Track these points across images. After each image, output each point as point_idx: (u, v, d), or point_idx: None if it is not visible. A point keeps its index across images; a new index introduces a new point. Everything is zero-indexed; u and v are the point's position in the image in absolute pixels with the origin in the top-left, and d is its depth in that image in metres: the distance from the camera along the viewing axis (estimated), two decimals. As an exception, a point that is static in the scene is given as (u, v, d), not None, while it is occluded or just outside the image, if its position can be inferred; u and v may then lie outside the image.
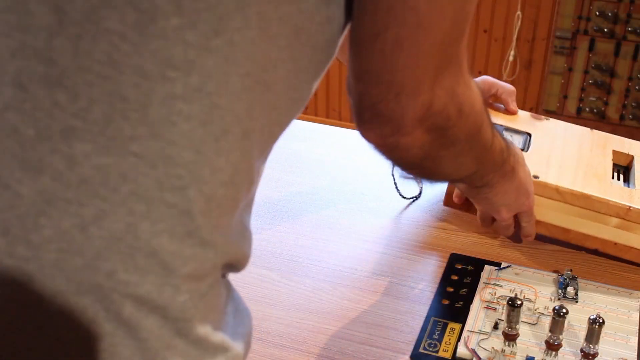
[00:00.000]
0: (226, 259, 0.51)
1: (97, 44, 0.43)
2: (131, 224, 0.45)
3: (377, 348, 0.78)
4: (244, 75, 0.46)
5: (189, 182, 0.46)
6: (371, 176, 1.09)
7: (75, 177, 0.44)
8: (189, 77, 0.44)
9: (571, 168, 0.92)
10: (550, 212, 0.90)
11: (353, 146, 1.18)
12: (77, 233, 0.44)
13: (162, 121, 0.44)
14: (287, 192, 1.05)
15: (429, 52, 0.53)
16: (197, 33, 0.44)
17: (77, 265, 0.44)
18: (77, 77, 0.43)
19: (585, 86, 2.24)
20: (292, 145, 1.15)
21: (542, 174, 0.90)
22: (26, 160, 0.44)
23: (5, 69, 0.44)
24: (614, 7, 2.12)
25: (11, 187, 0.44)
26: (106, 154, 0.44)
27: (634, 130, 2.24)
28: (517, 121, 1.01)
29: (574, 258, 0.92)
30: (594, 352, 0.73)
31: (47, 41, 0.43)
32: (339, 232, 0.97)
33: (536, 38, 2.54)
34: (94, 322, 0.45)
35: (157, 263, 0.46)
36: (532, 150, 0.95)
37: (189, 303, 0.48)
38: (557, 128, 1.02)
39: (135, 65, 0.43)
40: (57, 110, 0.43)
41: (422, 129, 0.58)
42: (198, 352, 0.49)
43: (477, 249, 0.93)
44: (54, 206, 0.44)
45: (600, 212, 0.88)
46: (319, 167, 1.11)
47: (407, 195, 1.03)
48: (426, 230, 0.97)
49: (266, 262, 0.91)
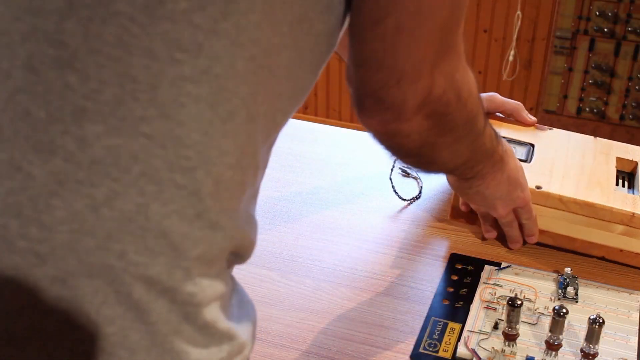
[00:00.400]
0: (234, 243, 0.51)
1: (107, 26, 0.44)
2: (142, 205, 0.45)
3: (377, 348, 0.78)
4: (248, 59, 0.47)
5: (198, 164, 0.47)
6: (371, 176, 1.09)
7: (86, 158, 0.44)
8: (197, 60, 0.45)
9: (574, 177, 0.92)
10: (555, 221, 0.90)
11: (353, 146, 1.18)
12: (89, 214, 0.45)
13: (172, 102, 0.45)
14: (287, 192, 1.05)
15: (428, 39, 0.54)
16: (205, 16, 0.45)
17: (89, 246, 0.45)
18: (87, 59, 0.44)
19: (585, 86, 2.24)
20: (292, 145, 1.15)
21: (544, 184, 0.90)
22: (38, 142, 0.44)
23: (17, 52, 0.44)
24: (614, 7, 2.12)
25: (23, 168, 0.44)
26: (117, 134, 0.45)
27: (634, 130, 2.24)
28: (520, 132, 1.01)
29: (574, 258, 0.92)
30: (594, 352, 0.73)
31: (58, 24, 0.44)
32: (339, 232, 0.97)
33: (536, 38, 2.54)
34: (105, 304, 0.46)
35: (167, 244, 0.46)
36: (534, 161, 0.95)
37: (198, 287, 0.48)
38: (560, 137, 1.02)
39: (144, 47, 0.44)
40: (68, 92, 0.44)
41: (422, 115, 0.59)
42: (204, 339, 0.50)
43: (477, 249, 0.93)
44: (66, 187, 0.44)
45: (605, 219, 0.88)
46: (319, 167, 1.11)
47: (406, 197, 1.03)
48: (426, 230, 0.97)
49: (266, 262, 0.90)
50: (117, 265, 0.45)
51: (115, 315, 0.46)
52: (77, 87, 0.44)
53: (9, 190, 0.44)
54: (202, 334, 0.49)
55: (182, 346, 0.48)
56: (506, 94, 2.65)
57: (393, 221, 0.99)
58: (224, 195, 0.49)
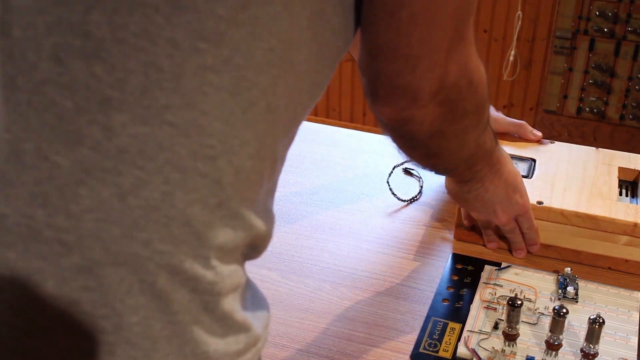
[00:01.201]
0: (252, 234, 0.52)
1: (132, 16, 0.44)
2: (167, 193, 0.46)
3: (377, 348, 0.78)
4: (267, 50, 0.48)
5: (220, 152, 0.47)
6: (371, 176, 1.09)
7: (113, 147, 0.45)
8: (219, 49, 0.46)
9: (576, 190, 0.92)
10: (559, 235, 0.90)
11: (353, 146, 1.18)
12: (116, 202, 0.45)
13: (195, 91, 0.46)
14: (287, 192, 1.05)
15: (442, 27, 0.56)
16: (226, 6, 0.45)
17: (114, 234, 0.45)
18: (113, 49, 0.44)
19: (585, 86, 2.24)
20: (292, 145, 1.15)
21: (546, 199, 0.90)
22: (65, 132, 0.45)
23: (43, 43, 0.45)
24: (614, 7, 2.12)
25: (50, 158, 0.45)
26: (142, 123, 0.45)
27: (634, 130, 2.24)
28: (521, 148, 1.01)
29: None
30: (594, 352, 0.73)
31: (84, 15, 0.44)
32: (339, 232, 0.97)
33: (536, 38, 2.54)
34: (129, 294, 0.46)
35: (190, 233, 0.47)
36: (536, 176, 0.95)
37: (219, 277, 0.49)
38: (562, 151, 1.02)
39: (168, 37, 0.45)
40: (94, 82, 0.45)
41: (435, 102, 0.61)
42: (223, 330, 0.51)
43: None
44: (93, 176, 0.45)
45: (608, 231, 0.87)
46: (319, 167, 1.11)
47: (405, 198, 1.04)
48: (426, 230, 0.97)
49: (266, 262, 0.90)
50: (142, 253, 0.46)
51: (139, 305, 0.46)
52: (104, 77, 0.44)
53: (36, 180, 0.45)
54: (221, 324, 0.50)
55: (201, 336, 0.49)
56: (506, 94, 2.65)
57: (393, 221, 0.99)
58: (243, 185, 0.49)
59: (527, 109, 2.65)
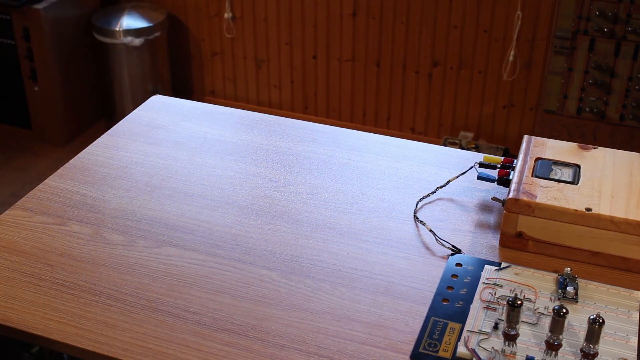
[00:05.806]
0: None
1: None
2: None
3: (377, 348, 0.78)
4: None
5: None
6: (371, 176, 1.09)
7: None
8: None
9: (624, 196, 0.92)
10: (608, 243, 0.89)
11: (353, 146, 1.18)
12: None
13: None
14: (287, 192, 1.05)
15: None
16: None
17: None
18: None
19: (585, 86, 2.24)
20: (292, 145, 1.15)
21: (594, 206, 0.89)
22: None
23: None
24: (614, 7, 2.12)
25: None
26: None
27: (634, 130, 2.24)
28: (564, 154, 1.00)
29: (574, 258, 0.92)
30: (594, 352, 0.73)
31: None
32: (339, 232, 0.97)
33: (536, 38, 2.54)
34: None
35: None
36: (582, 182, 0.94)
37: None
38: (606, 156, 1.01)
39: None
40: None
41: None
42: None
43: (477, 249, 0.93)
44: None
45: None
46: (319, 167, 1.11)
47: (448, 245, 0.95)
48: (426, 230, 0.97)
49: (266, 262, 0.91)
50: None
51: None
52: None
53: None
54: None
55: None
56: (506, 94, 2.65)
57: (393, 221, 0.99)
58: None
59: (527, 109, 2.65)
